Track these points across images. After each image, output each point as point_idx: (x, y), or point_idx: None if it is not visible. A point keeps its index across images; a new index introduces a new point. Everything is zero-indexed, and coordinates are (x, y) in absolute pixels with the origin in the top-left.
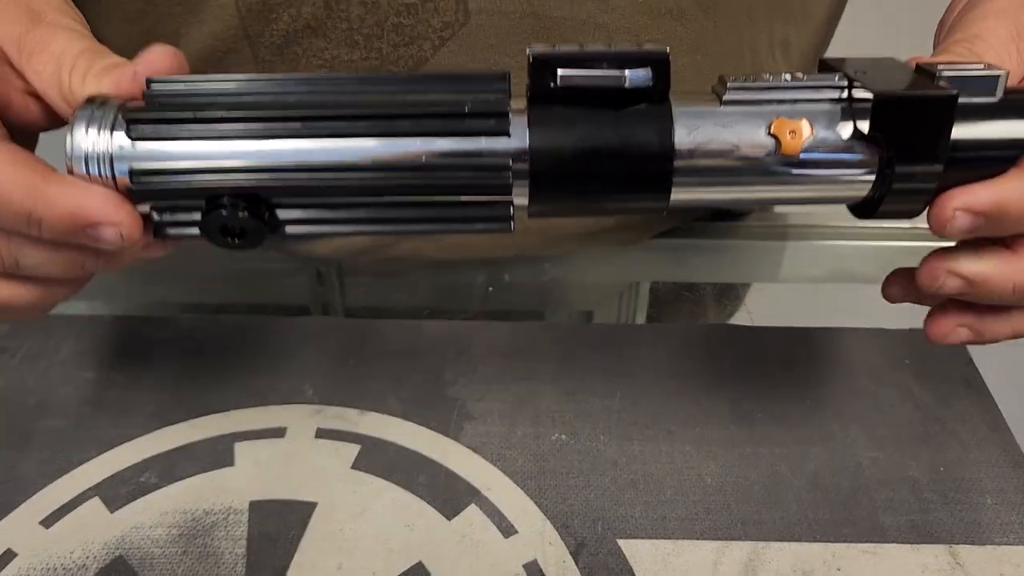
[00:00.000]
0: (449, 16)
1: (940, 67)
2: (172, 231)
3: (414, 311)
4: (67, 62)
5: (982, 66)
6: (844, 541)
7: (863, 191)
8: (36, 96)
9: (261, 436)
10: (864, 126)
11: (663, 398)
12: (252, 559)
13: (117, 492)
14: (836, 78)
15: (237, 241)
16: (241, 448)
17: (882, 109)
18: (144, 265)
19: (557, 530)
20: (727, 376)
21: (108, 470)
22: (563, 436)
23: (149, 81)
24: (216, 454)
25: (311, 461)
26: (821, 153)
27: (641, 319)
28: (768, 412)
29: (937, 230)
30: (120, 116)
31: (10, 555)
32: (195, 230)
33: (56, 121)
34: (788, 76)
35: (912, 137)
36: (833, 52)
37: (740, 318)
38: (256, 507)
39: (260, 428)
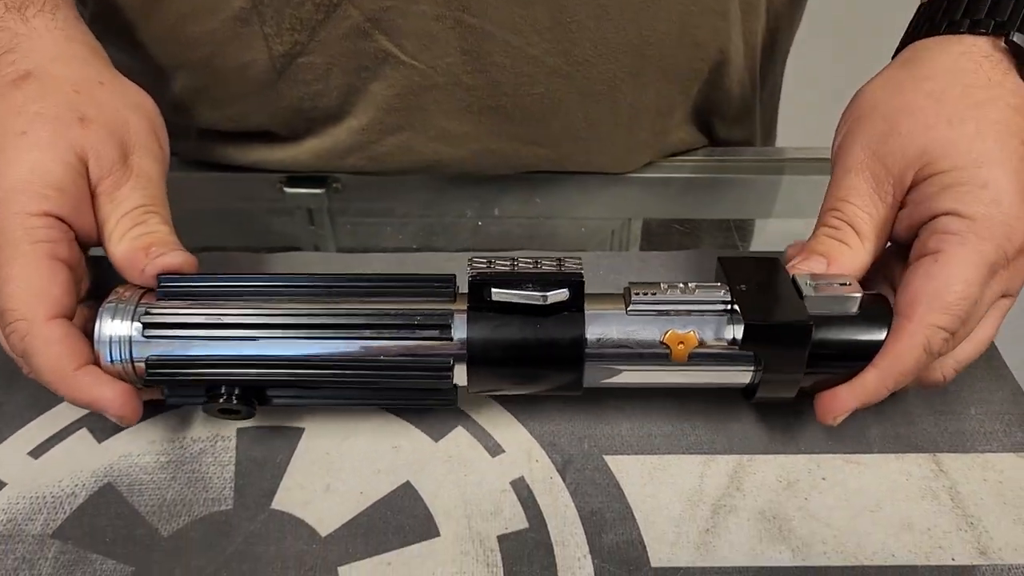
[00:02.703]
0: None
1: (809, 283)
2: (177, 402)
3: (404, 249)
4: (115, 218)
5: (847, 282)
6: (829, 452)
7: (741, 384)
8: None
9: None
10: (741, 333)
11: None
12: (240, 482)
13: (105, 423)
14: (722, 292)
15: (231, 416)
16: None
17: (752, 332)
18: None
19: (544, 448)
20: None
21: None
22: None
23: (160, 280)
24: None
25: None
26: (704, 357)
27: None
28: None
29: (823, 423)
30: (138, 310)
31: None
32: (198, 404)
33: None
34: (681, 287)
35: (776, 354)
36: None
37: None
38: (244, 433)
39: None
